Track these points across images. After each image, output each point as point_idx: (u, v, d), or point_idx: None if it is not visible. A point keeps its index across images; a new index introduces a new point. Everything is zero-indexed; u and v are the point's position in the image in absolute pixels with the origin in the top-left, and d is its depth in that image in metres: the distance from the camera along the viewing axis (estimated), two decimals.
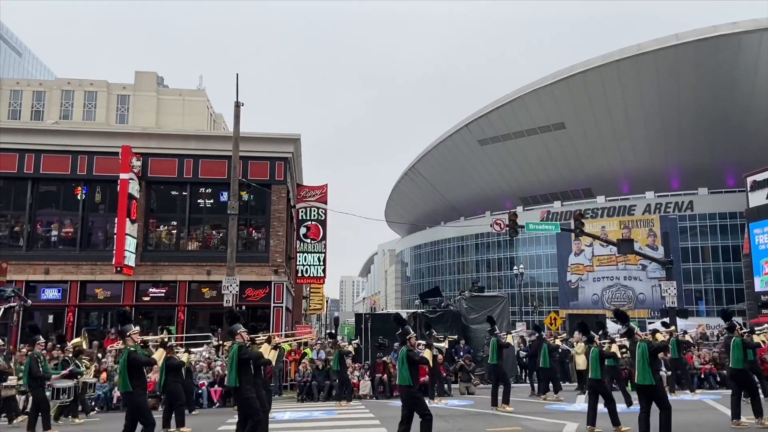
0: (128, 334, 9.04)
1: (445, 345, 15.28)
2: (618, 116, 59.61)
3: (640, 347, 9.33)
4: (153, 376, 14.83)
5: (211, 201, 24.08)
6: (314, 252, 26.84)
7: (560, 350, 19.11)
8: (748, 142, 54.97)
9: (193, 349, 16.45)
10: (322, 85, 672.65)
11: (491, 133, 68.23)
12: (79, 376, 13.30)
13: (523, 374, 22.16)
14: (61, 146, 22.85)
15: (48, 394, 12.09)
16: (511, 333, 18.45)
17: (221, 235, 23.48)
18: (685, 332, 21.02)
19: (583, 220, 25.11)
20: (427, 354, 9.77)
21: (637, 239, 56.76)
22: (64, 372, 12.72)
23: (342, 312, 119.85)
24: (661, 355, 12.12)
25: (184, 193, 23.82)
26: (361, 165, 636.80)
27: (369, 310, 79.24)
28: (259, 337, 10.07)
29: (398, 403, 15.53)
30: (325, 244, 27.12)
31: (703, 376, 19.05)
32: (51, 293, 22.18)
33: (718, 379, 18.88)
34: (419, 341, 10.68)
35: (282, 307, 23.12)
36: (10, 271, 20.42)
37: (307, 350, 20.21)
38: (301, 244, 26.71)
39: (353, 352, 17.72)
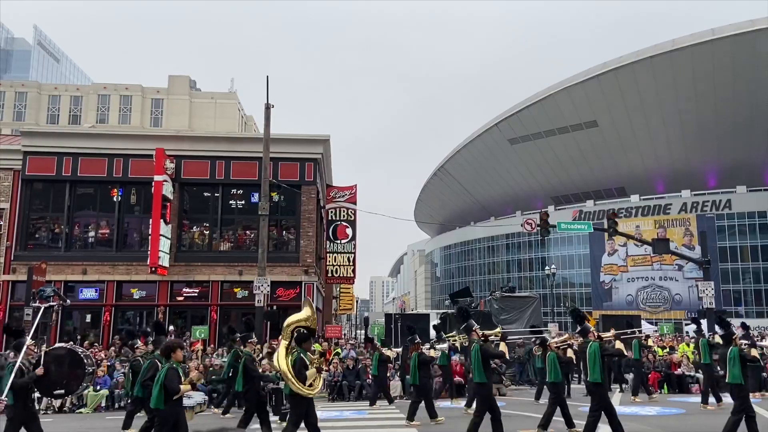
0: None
1: (445, 346, 15.43)
2: (652, 113, 58.44)
3: (591, 347, 9.34)
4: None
5: (243, 202, 24.36)
6: (344, 252, 26.93)
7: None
8: None
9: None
10: (355, 86, 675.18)
11: (522, 132, 67.57)
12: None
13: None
14: (98, 149, 23.40)
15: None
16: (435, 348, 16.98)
17: (252, 235, 23.74)
18: (648, 336, 20.47)
19: (617, 220, 24.69)
20: (503, 348, 9.86)
21: (673, 239, 55.51)
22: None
23: (372, 312, 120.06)
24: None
25: (216, 195, 24.15)
26: (391, 165, 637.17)
27: (399, 311, 79.18)
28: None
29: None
30: (354, 245, 27.19)
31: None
32: (88, 293, 22.71)
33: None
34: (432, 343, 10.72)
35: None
36: (49, 272, 21.01)
37: (338, 350, 20.28)
38: (331, 244, 26.83)
39: (391, 361, 17.44)
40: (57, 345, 9.89)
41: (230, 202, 24.43)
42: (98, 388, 16.13)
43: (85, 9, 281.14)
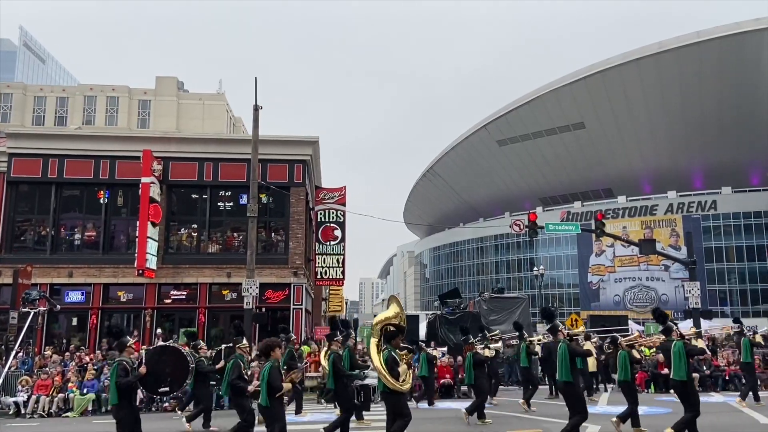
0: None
1: (500, 345, 15.52)
2: (639, 115, 58.90)
3: (560, 348, 9.52)
4: None
5: (231, 204, 24.26)
6: (333, 254, 26.86)
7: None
8: None
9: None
10: (346, 88, 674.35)
11: (510, 134, 67.84)
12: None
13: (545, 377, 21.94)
14: (84, 151, 23.20)
15: None
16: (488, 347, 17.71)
17: (241, 237, 23.64)
18: (589, 338, 20.64)
19: (604, 221, 24.84)
20: (589, 346, 9.98)
21: (660, 239, 55.97)
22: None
23: (361, 314, 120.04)
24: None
25: (204, 196, 24.02)
26: (380, 166, 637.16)
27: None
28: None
29: (423, 404, 15.53)
30: (344, 246, 27.13)
31: (727, 377, 18.78)
32: (75, 296, 22.50)
33: (743, 381, 18.56)
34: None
35: (301, 309, 23.20)
36: (35, 275, 20.77)
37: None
38: (320, 246, 26.76)
39: (437, 359, 17.26)
40: (159, 344, 10.02)
41: (218, 203, 24.32)
42: (85, 391, 15.99)
43: (72, 10, 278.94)
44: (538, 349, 15.80)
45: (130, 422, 8.11)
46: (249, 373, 11.65)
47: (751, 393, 14.20)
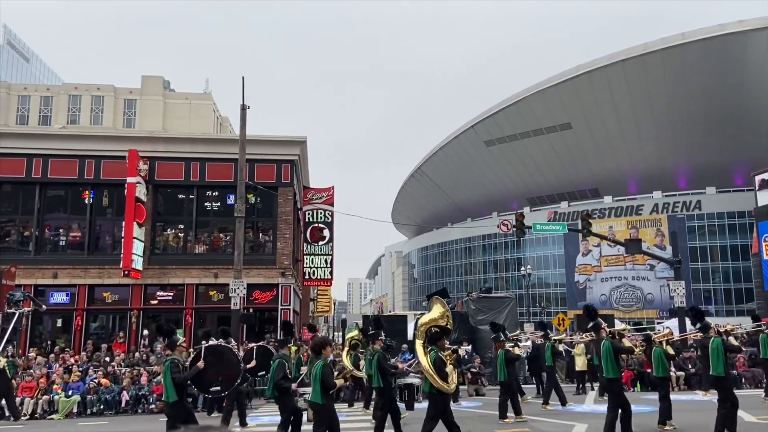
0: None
1: (529, 344, 15.55)
2: (625, 116, 59.37)
3: (604, 345, 9.58)
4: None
5: (218, 204, 24.12)
6: (321, 254, 26.82)
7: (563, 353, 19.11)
8: (755, 140, 54.59)
9: None
10: (335, 88, 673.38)
11: (497, 134, 68.10)
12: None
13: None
14: (69, 151, 22.94)
15: None
16: (518, 345, 17.37)
17: (228, 237, 23.51)
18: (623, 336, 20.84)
19: (591, 221, 25.00)
20: (627, 343, 10.06)
21: (645, 239, 56.47)
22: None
23: (349, 314, 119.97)
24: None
25: (191, 197, 23.86)
26: (368, 167, 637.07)
27: (376, 312, 79.13)
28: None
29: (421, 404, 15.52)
30: (332, 246, 27.10)
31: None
32: (59, 297, 22.24)
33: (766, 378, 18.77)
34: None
35: (289, 309, 23.11)
36: (19, 276, 20.52)
37: None
38: (308, 246, 26.70)
39: (519, 359, 16.64)
40: (212, 343, 10.03)
41: (205, 204, 24.15)
42: (70, 393, 15.83)
43: (57, 8, 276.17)
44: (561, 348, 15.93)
45: (184, 419, 8.19)
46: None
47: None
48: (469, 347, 20.94)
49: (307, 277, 26.76)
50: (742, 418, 12.00)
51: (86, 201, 23.21)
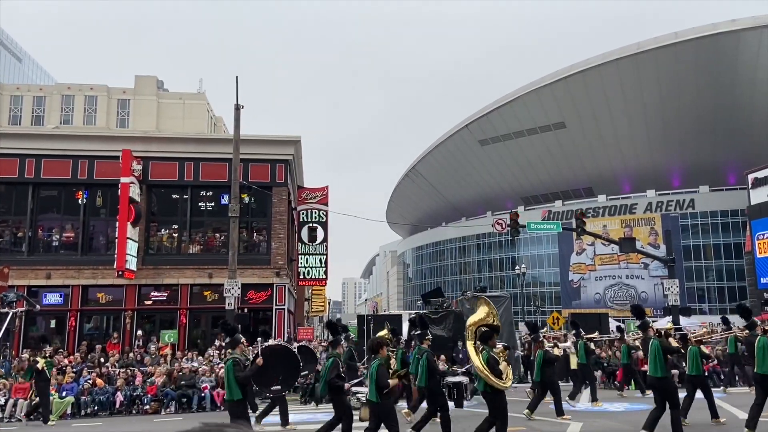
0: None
1: (569, 344, 15.61)
2: (618, 115, 59.54)
3: (652, 344, 9.60)
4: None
5: (212, 204, 24.07)
6: (316, 254, 26.81)
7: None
8: (748, 139, 54.89)
9: None
10: (331, 87, 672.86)
11: (491, 133, 68.18)
12: None
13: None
14: (62, 151, 22.85)
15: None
16: (557, 345, 16.80)
17: (222, 237, 23.46)
18: (669, 335, 20.94)
19: (585, 220, 25.06)
20: (674, 342, 10.10)
21: (639, 238, 56.58)
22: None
23: (344, 314, 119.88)
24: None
25: (185, 197, 23.80)
26: (363, 166, 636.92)
27: (371, 312, 79.14)
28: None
29: (402, 405, 15.52)
30: (326, 246, 27.09)
31: (707, 373, 19.04)
32: (53, 298, 22.16)
33: (722, 377, 18.87)
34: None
35: (284, 309, 23.09)
36: (12, 276, 20.44)
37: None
38: (303, 246, 26.69)
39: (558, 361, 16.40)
40: (272, 342, 10.17)
41: (199, 204, 24.11)
42: (64, 395, 15.76)
43: (49, 8, 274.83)
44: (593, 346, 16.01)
45: (246, 415, 8.55)
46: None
47: None
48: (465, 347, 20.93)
49: (301, 276, 26.75)
50: (736, 416, 12.07)
51: (80, 201, 23.12)
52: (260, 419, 12.07)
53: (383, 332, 15.05)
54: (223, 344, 19.61)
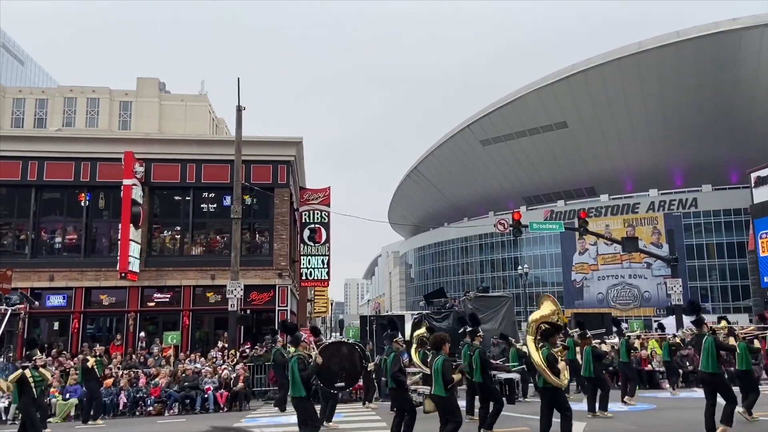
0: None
1: (616, 341, 15.75)
2: (620, 114, 59.47)
3: (706, 341, 9.57)
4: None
5: (215, 205, 24.08)
6: (318, 255, 26.83)
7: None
8: (751, 137, 54.77)
9: None
10: (334, 88, 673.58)
11: (493, 133, 68.14)
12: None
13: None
14: (64, 153, 22.89)
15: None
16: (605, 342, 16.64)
17: (225, 239, 23.47)
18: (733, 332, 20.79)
19: (587, 219, 25.05)
20: (732, 341, 10.20)
21: (642, 237, 56.53)
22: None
23: (347, 314, 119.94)
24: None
25: (187, 198, 23.82)
26: (365, 167, 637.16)
27: (374, 313, 79.17)
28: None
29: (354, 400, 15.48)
30: (328, 247, 27.11)
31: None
32: (56, 300, 22.20)
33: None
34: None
35: (286, 310, 23.10)
36: (15, 279, 20.47)
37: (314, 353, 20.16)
38: (305, 247, 26.70)
39: (607, 356, 15.67)
40: (334, 340, 10.33)
41: (202, 205, 24.13)
42: (68, 396, 15.79)
43: (51, 11, 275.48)
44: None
45: (313, 412, 8.73)
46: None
47: None
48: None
49: (304, 277, 26.76)
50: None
51: (82, 203, 23.15)
52: (329, 419, 11.86)
53: (422, 330, 15.11)
54: (226, 345, 19.65)
